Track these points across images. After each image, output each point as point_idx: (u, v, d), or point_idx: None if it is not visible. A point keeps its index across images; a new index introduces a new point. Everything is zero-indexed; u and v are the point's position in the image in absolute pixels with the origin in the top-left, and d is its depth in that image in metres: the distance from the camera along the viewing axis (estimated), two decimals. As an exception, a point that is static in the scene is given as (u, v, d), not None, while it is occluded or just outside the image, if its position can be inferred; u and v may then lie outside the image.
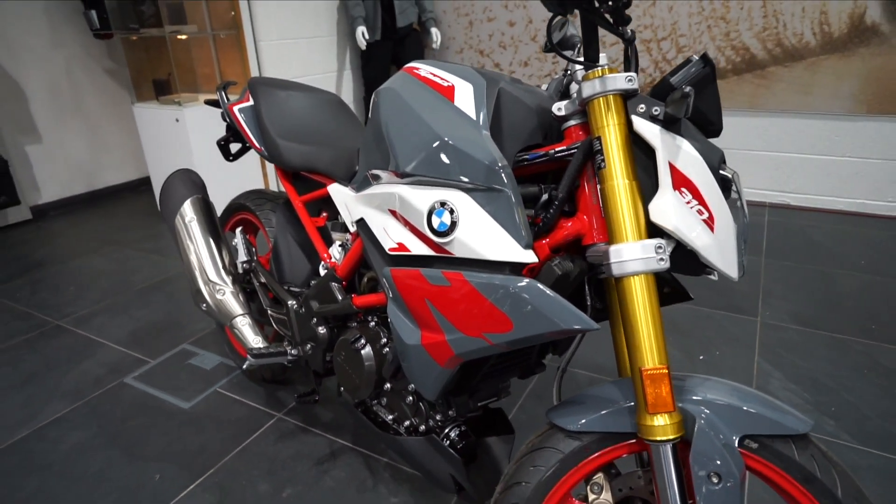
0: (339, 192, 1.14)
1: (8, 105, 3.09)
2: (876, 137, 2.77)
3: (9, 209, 3.10)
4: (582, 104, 0.77)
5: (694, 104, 0.79)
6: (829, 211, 2.94)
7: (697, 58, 0.77)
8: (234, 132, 1.62)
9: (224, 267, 1.36)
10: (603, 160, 0.74)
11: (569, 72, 0.89)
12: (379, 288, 1.10)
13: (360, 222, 1.02)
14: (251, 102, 1.38)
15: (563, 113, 0.82)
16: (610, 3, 0.73)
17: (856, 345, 1.79)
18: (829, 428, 1.45)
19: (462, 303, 0.77)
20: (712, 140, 2.70)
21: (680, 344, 1.82)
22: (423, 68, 0.95)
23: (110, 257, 2.65)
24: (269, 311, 1.35)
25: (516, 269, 0.75)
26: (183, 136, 2.87)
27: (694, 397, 0.76)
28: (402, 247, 0.88)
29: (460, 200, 0.78)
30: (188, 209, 1.42)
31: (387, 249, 0.91)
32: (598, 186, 0.77)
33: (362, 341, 1.07)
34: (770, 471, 0.75)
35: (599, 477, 0.84)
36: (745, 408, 0.74)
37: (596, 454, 0.81)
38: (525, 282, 0.72)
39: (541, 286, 0.71)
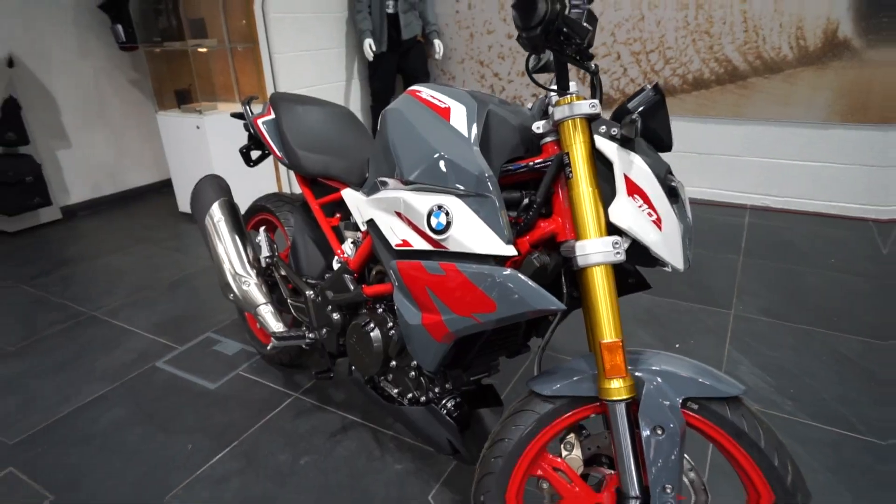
0: (351, 196, 1.32)
1: (40, 112, 3.29)
2: (848, 145, 2.95)
3: (41, 210, 3.29)
4: (554, 125, 0.95)
5: (647, 125, 0.96)
6: (805, 213, 3.12)
7: (650, 87, 0.95)
8: (256, 141, 1.81)
9: (248, 261, 1.55)
10: (571, 171, 0.92)
11: (549, 95, 1.07)
12: (386, 279, 1.29)
13: (370, 222, 1.20)
14: (273, 116, 1.56)
15: (541, 131, 1.00)
16: (574, 45, 0.91)
17: (818, 335, 1.96)
18: (788, 408, 1.63)
19: (456, 289, 0.95)
20: (664, 154, 2.90)
21: (658, 334, 2.00)
22: (424, 91, 1.13)
23: (137, 254, 2.84)
24: (289, 301, 1.53)
25: (500, 261, 0.93)
26: (203, 143, 3.06)
27: (645, 366, 0.93)
28: (405, 243, 1.06)
29: (454, 204, 0.96)
30: (216, 210, 1.61)
31: (393, 245, 1.09)
32: (570, 192, 0.95)
33: (371, 325, 1.25)
34: (707, 427, 0.92)
35: (571, 437, 1.02)
36: (687, 375, 0.91)
37: (566, 415, 0.98)
38: (507, 271, 0.90)
39: (519, 275, 0.89)
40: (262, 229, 1.64)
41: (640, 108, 0.95)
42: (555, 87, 0.99)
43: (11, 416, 1.69)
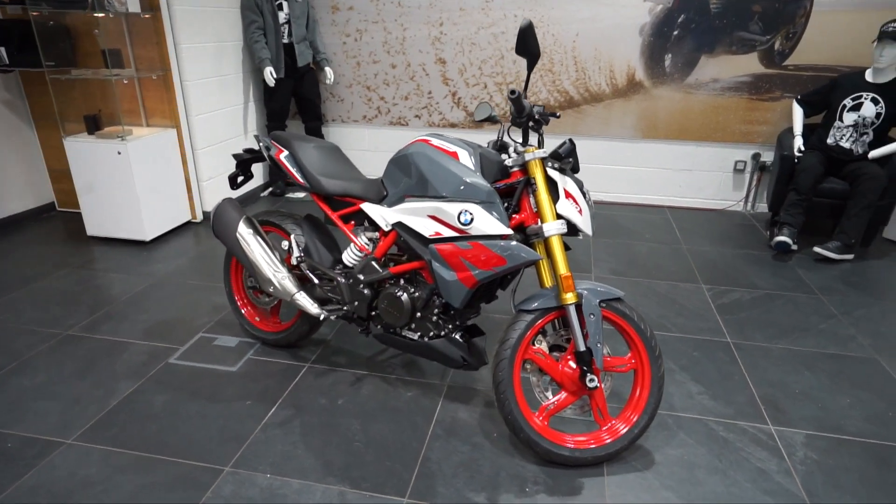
0: (371, 208, 1.91)
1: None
2: (649, 153, 4.16)
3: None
4: (522, 162, 1.68)
5: (569, 161, 1.74)
6: (627, 204, 4.30)
7: (568, 140, 1.73)
8: (243, 168, 2.27)
9: (281, 261, 2.04)
10: (535, 187, 1.66)
11: (499, 139, 1.80)
12: (403, 261, 1.91)
13: (398, 224, 1.82)
14: (287, 152, 2.06)
15: (510, 164, 1.72)
16: (530, 124, 1.66)
17: (644, 283, 2.98)
18: (636, 327, 2.56)
19: (481, 255, 1.63)
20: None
21: (550, 293, 2.85)
22: (434, 140, 1.79)
23: (68, 279, 2.96)
24: (320, 286, 2.04)
25: (503, 238, 1.64)
26: (125, 168, 3.24)
27: (580, 287, 1.70)
28: (437, 234, 1.71)
29: (475, 208, 1.64)
30: (243, 226, 2.06)
31: (427, 236, 1.73)
32: (532, 199, 1.68)
33: (400, 292, 1.86)
34: (610, 314, 1.72)
35: (540, 336, 1.76)
36: (599, 289, 1.70)
37: (540, 320, 1.71)
38: (512, 241, 1.61)
39: (517, 242, 1.61)
40: (293, 235, 2.12)
41: (567, 153, 1.71)
42: (520, 139, 1.73)
43: (66, 413, 1.95)
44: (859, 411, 2.00)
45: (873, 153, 3.31)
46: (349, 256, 2.04)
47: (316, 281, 2.04)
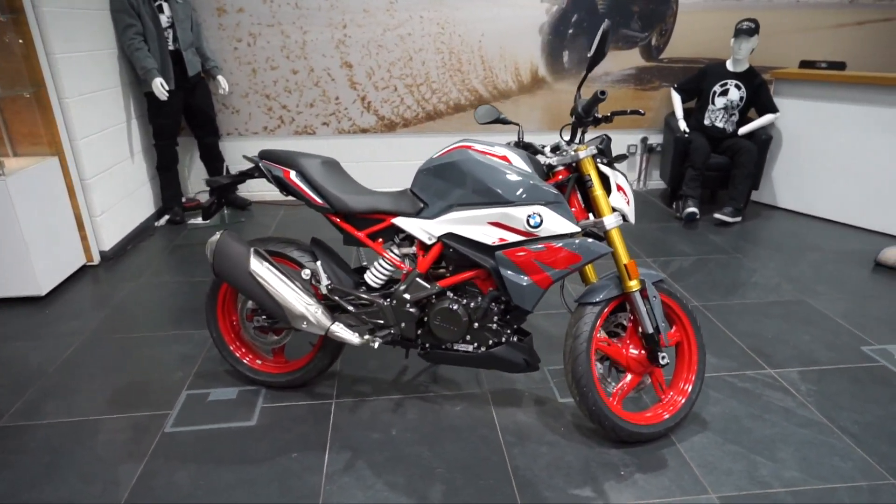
0: (408, 222, 1.81)
1: None
2: (549, 143, 4.46)
3: None
4: (573, 161, 1.72)
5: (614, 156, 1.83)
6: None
7: (605, 136, 1.81)
8: (220, 196, 2.01)
9: (308, 293, 1.83)
10: (591, 183, 1.71)
11: (520, 140, 1.83)
12: (448, 274, 1.84)
13: (448, 235, 1.75)
14: (295, 171, 1.85)
15: (555, 162, 1.76)
16: (590, 120, 1.71)
17: (596, 264, 3.21)
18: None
19: (555, 255, 1.64)
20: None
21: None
22: (475, 146, 1.75)
23: (-38, 355, 2.33)
24: (357, 312, 1.86)
25: (573, 236, 1.67)
26: (7, 210, 2.62)
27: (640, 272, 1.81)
28: (501, 240, 1.68)
29: (542, 210, 1.64)
30: (255, 261, 1.81)
31: (490, 244, 1.69)
32: (579, 195, 1.74)
33: (455, 306, 1.79)
34: (660, 293, 1.85)
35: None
36: (651, 273, 1.82)
37: (605, 309, 1.78)
38: (585, 239, 1.65)
39: (589, 238, 1.65)
40: (319, 263, 1.89)
41: (607, 148, 1.80)
42: (565, 139, 1.77)
43: (84, 494, 1.55)
44: (819, 344, 2.40)
45: (742, 130, 3.94)
46: (375, 276, 1.91)
47: (351, 308, 1.87)
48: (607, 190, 1.75)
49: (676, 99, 4.14)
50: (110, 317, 2.65)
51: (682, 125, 4.04)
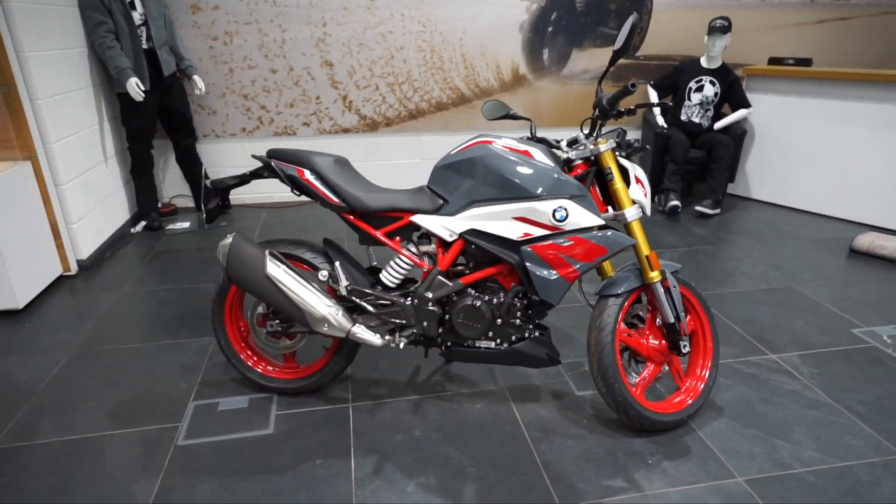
0: (428, 219, 1.78)
1: None
2: (537, 141, 4.50)
3: None
4: (593, 154, 1.73)
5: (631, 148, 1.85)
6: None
7: (621, 129, 1.83)
8: (223, 196, 1.94)
9: (326, 294, 1.78)
10: (612, 176, 1.73)
11: (533, 135, 1.83)
12: (467, 271, 1.82)
13: (470, 232, 1.74)
14: (309, 171, 1.80)
15: (574, 156, 1.76)
16: (614, 113, 1.72)
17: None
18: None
19: (581, 248, 1.65)
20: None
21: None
22: (497, 141, 1.74)
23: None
24: (378, 313, 1.82)
25: (598, 229, 1.68)
26: (-20, 217, 2.47)
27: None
28: (526, 235, 1.68)
29: (568, 203, 1.65)
30: (271, 264, 1.75)
31: (515, 239, 1.68)
32: (609, 187, 1.75)
33: (478, 303, 1.78)
34: (679, 284, 1.88)
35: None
36: (668, 262, 1.85)
37: (627, 301, 1.80)
38: (610, 231, 1.66)
39: (614, 230, 1.67)
40: (337, 263, 1.84)
41: (622, 135, 1.82)
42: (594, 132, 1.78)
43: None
44: (813, 328, 2.50)
45: (718, 124, 4.06)
46: (391, 275, 1.88)
47: (371, 309, 1.82)
48: (626, 182, 1.77)
49: (653, 95, 4.24)
50: (97, 328, 2.52)
51: (661, 121, 4.14)
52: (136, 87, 3.30)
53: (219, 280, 1.98)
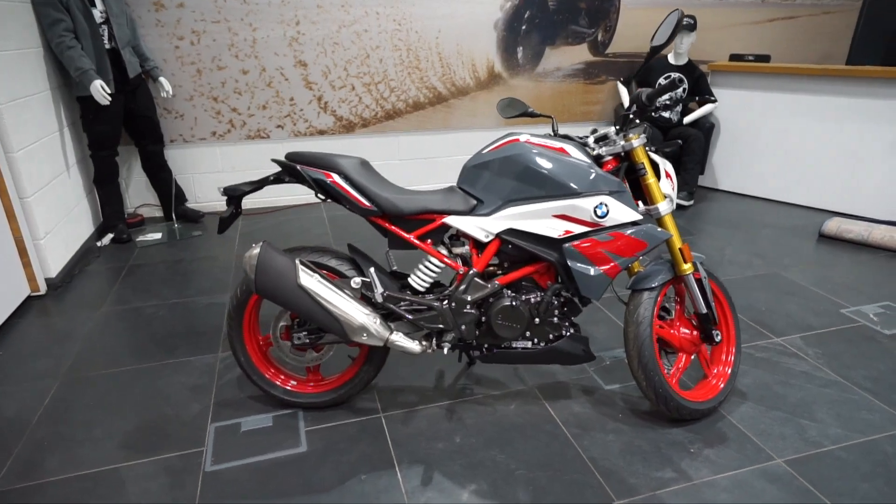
0: (462, 220, 1.75)
1: None
2: (514, 139, 4.52)
3: None
4: (625, 150, 1.75)
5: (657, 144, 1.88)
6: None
7: (648, 125, 1.86)
8: (236, 204, 1.84)
9: (361, 302, 1.70)
10: (644, 171, 1.75)
11: (555, 131, 1.83)
12: (500, 274, 1.80)
13: (507, 231, 1.71)
14: (338, 174, 1.72)
15: (605, 152, 1.77)
16: (652, 109, 1.73)
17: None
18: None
19: (623, 243, 1.66)
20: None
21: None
22: (533, 139, 1.72)
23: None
24: (414, 319, 1.76)
25: (636, 223, 1.69)
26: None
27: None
28: (567, 232, 1.67)
29: (608, 200, 1.65)
30: (304, 274, 1.66)
31: (556, 237, 1.67)
32: (641, 182, 1.76)
33: (516, 303, 1.76)
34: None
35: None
36: (694, 254, 1.89)
37: (660, 293, 1.83)
38: (647, 225, 1.68)
39: (650, 224, 1.68)
40: (373, 269, 1.76)
41: (648, 133, 1.84)
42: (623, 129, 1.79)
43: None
44: (806, 311, 2.63)
45: (687, 119, 4.22)
46: (420, 279, 1.83)
47: (409, 316, 1.77)
48: (656, 177, 1.80)
49: (624, 92, 4.35)
50: (84, 352, 2.33)
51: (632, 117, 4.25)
52: (101, 90, 3.08)
53: (235, 292, 1.86)
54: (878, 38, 5.12)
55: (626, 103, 4.30)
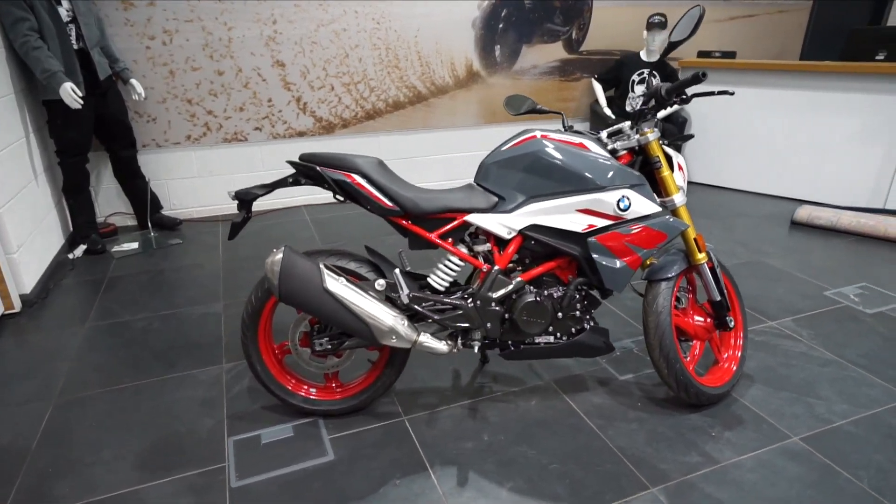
0: (484, 218, 1.74)
1: None
2: (494, 137, 4.54)
3: None
4: (640, 144, 1.78)
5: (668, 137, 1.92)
6: (481, 186, 4.62)
7: (659, 120, 1.90)
8: (247, 208, 1.78)
9: (386, 305, 1.67)
10: (659, 164, 1.79)
11: (566, 126, 1.86)
12: (521, 268, 1.81)
13: (531, 227, 1.72)
14: (359, 175, 1.68)
15: (619, 146, 1.80)
16: (670, 102, 1.76)
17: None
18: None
19: (645, 235, 1.69)
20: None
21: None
22: (551, 135, 1.73)
23: None
24: (440, 319, 1.74)
25: (656, 216, 1.73)
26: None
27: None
28: (590, 226, 1.69)
29: (630, 193, 1.68)
30: (329, 278, 1.62)
31: (580, 231, 1.69)
32: (655, 175, 1.80)
33: (539, 299, 1.76)
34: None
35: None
36: (713, 246, 1.95)
37: (675, 281, 1.87)
38: (666, 217, 1.72)
39: (668, 216, 1.72)
40: (397, 270, 1.72)
41: (660, 126, 1.88)
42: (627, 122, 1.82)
43: None
44: (793, 296, 2.75)
45: (661, 114, 4.32)
46: (441, 278, 1.82)
47: (434, 316, 1.75)
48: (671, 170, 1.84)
49: (598, 88, 4.44)
50: (75, 371, 2.20)
51: (608, 111, 4.35)
52: (72, 93, 2.92)
53: (249, 300, 1.80)
54: (829, 35, 5.41)
55: (602, 100, 4.40)
